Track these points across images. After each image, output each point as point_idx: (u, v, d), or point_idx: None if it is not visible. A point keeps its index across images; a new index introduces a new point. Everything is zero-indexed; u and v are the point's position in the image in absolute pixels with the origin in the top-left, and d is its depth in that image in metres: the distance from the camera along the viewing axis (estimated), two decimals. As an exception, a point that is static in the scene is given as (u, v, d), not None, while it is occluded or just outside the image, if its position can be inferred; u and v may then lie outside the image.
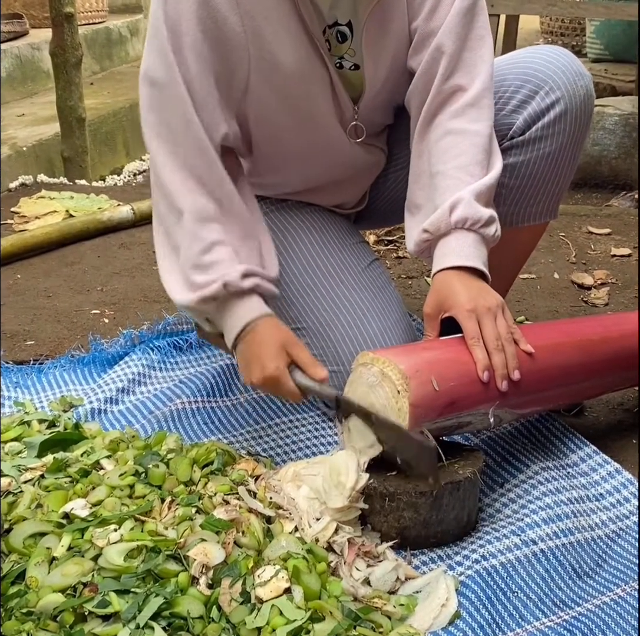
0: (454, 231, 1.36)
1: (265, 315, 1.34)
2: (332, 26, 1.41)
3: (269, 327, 1.33)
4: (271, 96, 1.41)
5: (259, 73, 1.38)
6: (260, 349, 1.30)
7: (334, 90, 1.44)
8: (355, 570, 1.16)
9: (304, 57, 1.38)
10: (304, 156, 1.54)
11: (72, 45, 3.40)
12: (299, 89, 1.41)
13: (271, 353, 1.29)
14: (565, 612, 1.12)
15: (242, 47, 1.34)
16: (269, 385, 1.31)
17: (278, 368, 1.28)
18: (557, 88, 1.47)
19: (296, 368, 1.30)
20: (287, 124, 1.46)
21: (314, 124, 1.47)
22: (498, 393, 1.26)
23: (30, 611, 1.05)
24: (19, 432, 1.46)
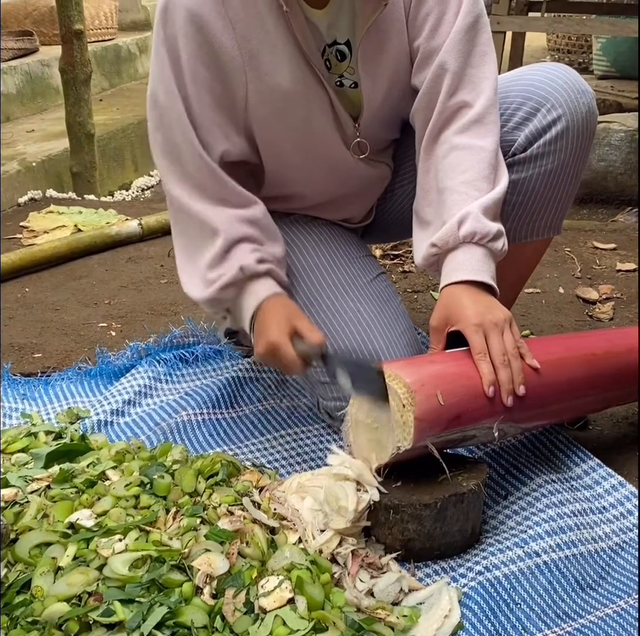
0: (462, 245, 1.37)
1: (277, 293, 1.42)
2: (331, 45, 1.43)
3: (277, 302, 1.41)
4: (270, 116, 1.44)
5: (256, 95, 1.41)
6: (267, 321, 1.38)
7: (334, 109, 1.45)
8: (358, 581, 1.16)
9: (301, 78, 1.40)
10: (308, 173, 1.56)
11: (81, 62, 3.43)
12: (298, 110, 1.43)
13: (274, 323, 1.36)
14: (568, 624, 1.12)
15: (239, 70, 1.38)
16: (271, 353, 1.36)
17: (279, 335, 1.34)
18: (559, 105, 1.48)
19: (298, 338, 1.35)
20: (288, 143, 1.48)
21: (316, 142, 1.49)
22: (503, 408, 1.26)
23: (35, 620, 1.05)
24: (26, 443, 1.47)
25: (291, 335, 1.35)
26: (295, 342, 1.34)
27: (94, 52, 4.80)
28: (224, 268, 1.41)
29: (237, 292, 1.43)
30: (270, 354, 1.37)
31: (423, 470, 1.24)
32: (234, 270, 1.40)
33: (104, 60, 5.31)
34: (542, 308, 2.23)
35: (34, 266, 2.52)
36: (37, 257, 2.53)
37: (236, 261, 1.41)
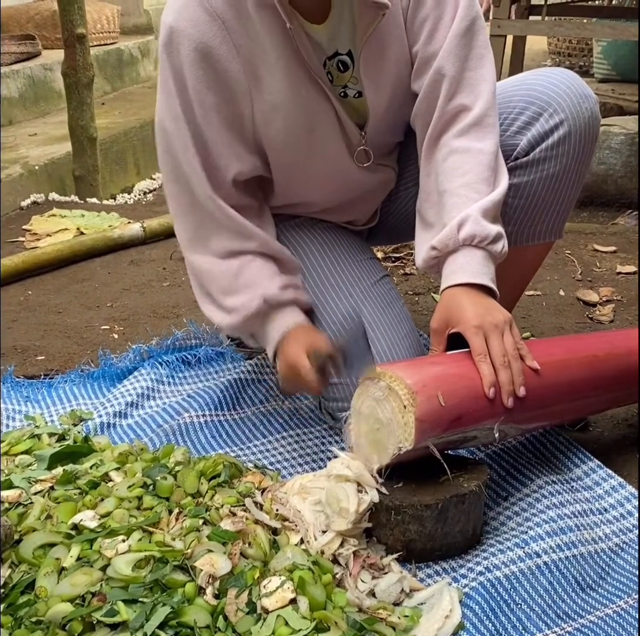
0: (461, 248, 1.37)
1: (302, 324, 1.45)
2: (332, 57, 1.43)
3: (301, 331, 1.44)
4: (277, 135, 1.45)
5: (262, 114, 1.43)
6: (289, 345, 1.41)
7: (339, 120, 1.46)
8: (360, 581, 1.17)
9: (304, 93, 1.41)
10: (315, 183, 1.57)
11: (83, 66, 3.44)
12: (304, 125, 1.45)
13: (294, 347, 1.39)
14: (569, 624, 1.13)
15: (244, 91, 1.40)
16: (291, 374, 1.40)
17: (296, 352, 1.37)
18: (562, 110, 1.48)
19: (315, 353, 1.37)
20: (294, 155, 1.50)
21: (322, 154, 1.50)
22: (504, 409, 1.27)
23: (39, 620, 1.06)
24: (29, 445, 1.48)
25: (308, 352, 1.38)
26: (312, 357, 1.37)
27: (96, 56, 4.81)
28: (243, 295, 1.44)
29: (261, 322, 1.47)
30: (289, 375, 1.41)
31: (424, 471, 1.25)
32: (258, 301, 1.43)
33: (106, 64, 5.33)
34: (542, 310, 2.24)
35: (36, 269, 2.53)
36: (40, 260, 2.54)
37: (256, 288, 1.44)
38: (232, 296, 1.46)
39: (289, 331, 1.44)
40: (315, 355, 1.36)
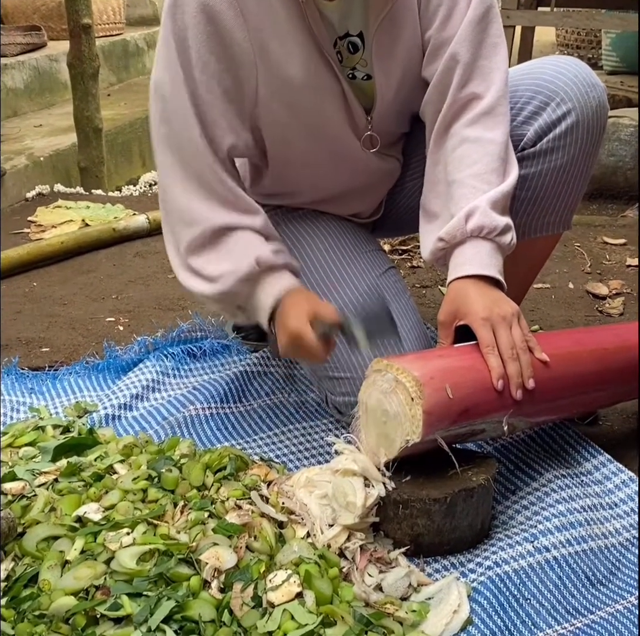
0: (469, 240, 1.36)
1: (296, 287, 1.40)
2: (343, 37, 1.41)
3: (296, 294, 1.38)
4: (281, 109, 1.42)
5: (267, 87, 1.39)
6: (287, 313, 1.35)
7: (346, 101, 1.44)
8: (367, 575, 1.15)
9: (314, 70, 1.38)
10: (318, 166, 1.54)
11: (89, 57, 3.43)
12: (310, 102, 1.42)
13: (294, 313, 1.33)
14: (578, 620, 1.11)
15: (249, 62, 1.36)
16: (294, 342, 1.33)
17: (298, 322, 1.31)
18: (569, 99, 1.46)
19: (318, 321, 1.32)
20: (299, 136, 1.47)
21: (327, 135, 1.48)
22: (512, 402, 1.26)
23: (42, 614, 1.05)
24: (34, 437, 1.47)
25: (311, 320, 1.32)
26: (315, 325, 1.31)
27: (101, 47, 4.79)
28: (232, 261, 1.38)
29: (252, 286, 1.39)
30: (292, 343, 1.34)
31: (432, 464, 1.24)
32: (250, 261, 1.36)
33: (112, 55, 5.31)
34: (551, 303, 2.22)
35: (41, 261, 2.52)
36: (45, 251, 2.53)
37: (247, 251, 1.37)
38: (219, 264, 1.38)
39: (286, 295, 1.38)
40: (319, 324, 1.31)
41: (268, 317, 1.39)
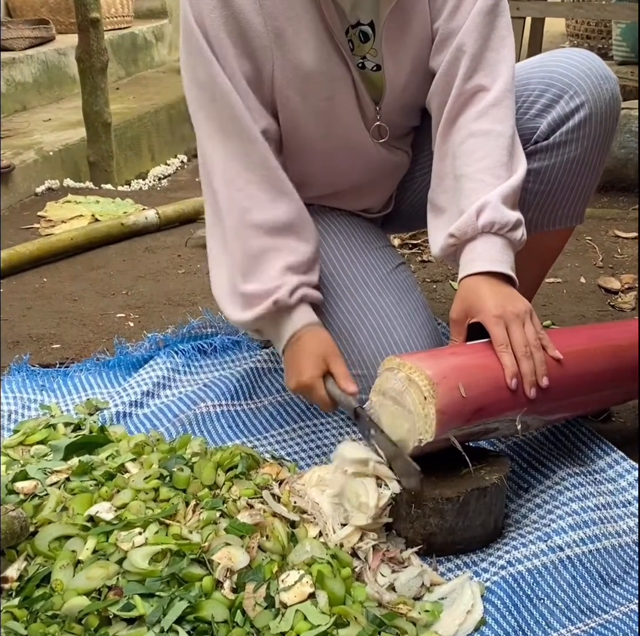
0: (480, 236, 1.35)
1: (311, 325, 1.40)
2: (354, 26, 1.41)
3: (313, 337, 1.39)
4: (294, 96, 1.42)
5: (282, 73, 1.39)
6: (301, 358, 1.36)
7: (357, 90, 1.44)
8: (380, 575, 1.15)
9: (326, 57, 1.38)
10: (328, 157, 1.53)
11: (97, 51, 3.42)
12: (321, 89, 1.41)
13: (309, 362, 1.35)
14: (593, 620, 1.11)
15: (265, 47, 1.36)
16: (304, 392, 1.38)
17: (312, 377, 1.34)
18: (582, 92, 1.45)
19: (332, 378, 1.34)
20: (310, 124, 1.46)
21: (337, 124, 1.47)
22: (526, 400, 1.25)
23: (55, 614, 1.05)
24: (45, 434, 1.47)
25: (325, 375, 1.35)
26: (327, 382, 1.34)
27: (110, 40, 4.78)
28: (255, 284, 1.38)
29: (271, 321, 1.41)
30: (301, 392, 1.39)
31: (445, 463, 1.23)
32: (268, 303, 1.37)
33: (121, 49, 5.30)
34: (563, 298, 2.20)
35: (51, 256, 2.52)
36: (55, 247, 2.53)
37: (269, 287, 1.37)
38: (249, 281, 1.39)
39: (300, 332, 1.39)
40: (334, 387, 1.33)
41: (282, 349, 1.42)
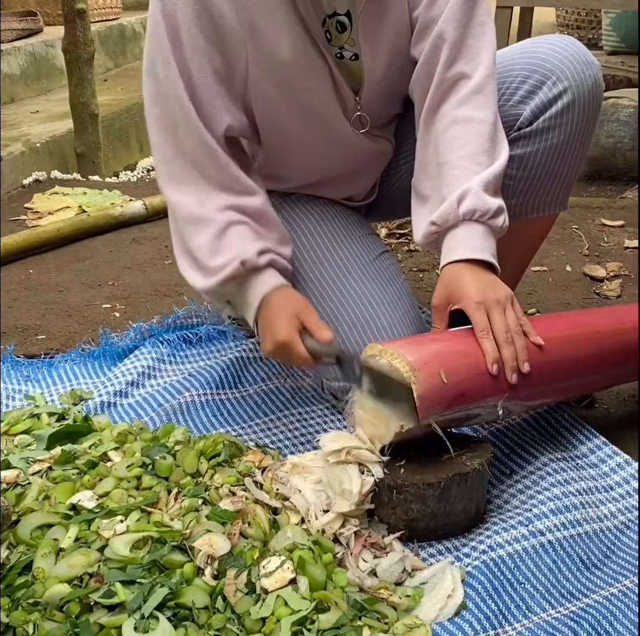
0: (462, 223, 1.35)
1: (281, 286, 1.38)
2: (331, 16, 1.40)
3: (283, 296, 1.37)
4: (271, 89, 1.41)
5: (257, 66, 1.38)
6: (273, 318, 1.34)
7: (335, 81, 1.43)
8: (361, 561, 1.15)
9: (301, 49, 1.37)
10: (310, 148, 1.53)
11: (84, 42, 3.41)
12: (298, 81, 1.41)
13: (283, 321, 1.33)
14: (573, 604, 1.11)
15: (239, 40, 1.35)
16: (281, 351, 1.34)
17: (288, 334, 1.31)
18: (565, 78, 1.45)
19: (307, 333, 1.33)
20: (289, 116, 1.46)
21: (317, 115, 1.47)
22: (507, 386, 1.25)
23: (36, 601, 1.05)
24: (29, 424, 1.46)
25: (300, 331, 1.32)
26: (304, 338, 1.32)
27: (98, 32, 4.77)
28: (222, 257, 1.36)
29: (239, 285, 1.39)
30: (279, 353, 1.35)
31: (427, 449, 1.23)
32: (235, 264, 1.35)
33: (109, 40, 5.28)
34: (548, 286, 2.21)
35: (38, 247, 2.51)
36: (41, 238, 2.52)
37: (235, 251, 1.35)
38: (215, 256, 1.37)
39: (270, 295, 1.37)
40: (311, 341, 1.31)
41: (254, 316, 1.39)
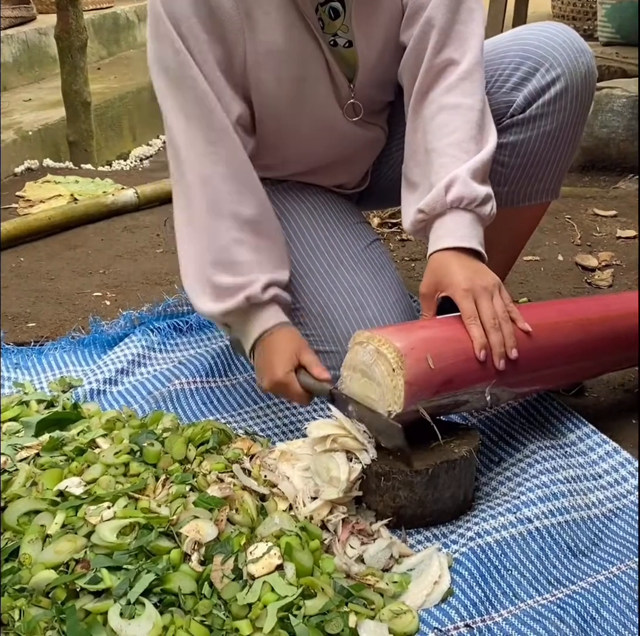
0: (449, 211, 1.34)
1: (282, 324, 1.38)
2: (324, 3, 1.39)
3: (283, 335, 1.37)
4: (267, 77, 1.40)
5: (254, 54, 1.37)
6: (272, 356, 1.35)
7: (329, 69, 1.43)
8: (349, 547, 1.15)
9: (296, 37, 1.37)
10: (303, 135, 1.53)
11: (76, 29, 3.39)
12: (293, 69, 1.40)
13: (281, 360, 1.33)
14: (560, 590, 1.11)
15: (237, 29, 1.34)
16: (279, 389, 1.36)
17: (286, 374, 1.32)
18: (558, 65, 1.45)
19: (303, 371, 1.34)
20: (284, 103, 1.45)
21: (311, 103, 1.46)
22: (495, 372, 1.25)
23: (23, 587, 1.05)
24: (17, 412, 1.46)
25: (297, 369, 1.33)
26: (299, 375, 1.33)
27: (92, 20, 4.75)
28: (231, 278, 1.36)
29: (241, 316, 1.39)
30: (276, 389, 1.37)
31: (415, 436, 1.23)
32: (241, 298, 1.35)
33: (102, 29, 5.26)
34: (540, 275, 2.21)
35: (29, 235, 2.51)
36: (33, 226, 2.51)
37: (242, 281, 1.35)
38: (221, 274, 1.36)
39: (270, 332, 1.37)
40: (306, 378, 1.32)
41: (251, 346, 1.40)
